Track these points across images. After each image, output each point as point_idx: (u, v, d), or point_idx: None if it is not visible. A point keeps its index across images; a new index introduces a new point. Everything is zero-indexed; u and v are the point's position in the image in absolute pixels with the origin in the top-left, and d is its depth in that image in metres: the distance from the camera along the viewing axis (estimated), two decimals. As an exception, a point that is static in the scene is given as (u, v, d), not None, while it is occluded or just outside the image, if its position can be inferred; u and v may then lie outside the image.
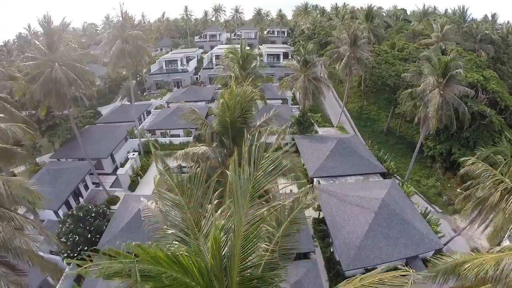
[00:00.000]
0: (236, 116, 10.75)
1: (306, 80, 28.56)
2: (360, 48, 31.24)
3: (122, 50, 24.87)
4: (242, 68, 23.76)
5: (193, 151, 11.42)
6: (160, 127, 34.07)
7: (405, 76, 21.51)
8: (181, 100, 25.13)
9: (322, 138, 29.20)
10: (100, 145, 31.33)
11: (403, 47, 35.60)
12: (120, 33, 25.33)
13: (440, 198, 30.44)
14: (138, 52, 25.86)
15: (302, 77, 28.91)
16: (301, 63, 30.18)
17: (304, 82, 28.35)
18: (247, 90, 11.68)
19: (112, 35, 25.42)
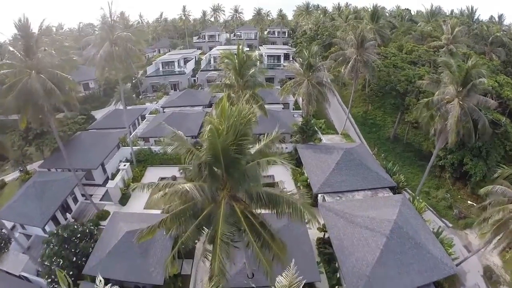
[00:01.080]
0: (229, 143, 8.90)
1: (310, 85, 26.74)
2: (367, 50, 29.43)
3: (110, 53, 23.07)
4: (239, 75, 20.86)
5: (174, 190, 9.47)
6: (154, 135, 32.23)
7: (421, 84, 19.65)
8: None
9: (327, 148, 27.38)
10: (90, 154, 29.63)
11: (412, 49, 33.71)
12: (108, 35, 23.51)
13: (450, 212, 28.91)
14: (128, 56, 24.01)
15: (306, 82, 27.06)
16: (304, 66, 28.29)
17: (308, 87, 26.53)
18: (244, 109, 9.83)
19: (99, 37, 23.59)
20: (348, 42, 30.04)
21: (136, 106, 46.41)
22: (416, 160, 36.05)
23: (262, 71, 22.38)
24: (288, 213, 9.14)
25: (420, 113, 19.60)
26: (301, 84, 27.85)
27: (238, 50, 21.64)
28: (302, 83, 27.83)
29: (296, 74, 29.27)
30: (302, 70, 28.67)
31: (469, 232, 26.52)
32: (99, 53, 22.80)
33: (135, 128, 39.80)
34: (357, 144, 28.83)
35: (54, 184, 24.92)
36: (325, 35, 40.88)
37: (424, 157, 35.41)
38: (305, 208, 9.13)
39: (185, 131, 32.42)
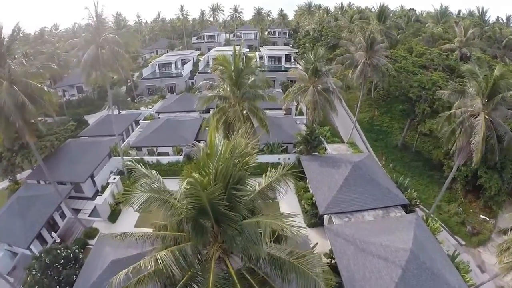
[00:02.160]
0: (218, 196, 6.84)
1: (316, 92, 24.65)
2: (377, 53, 27.44)
3: (96, 57, 21.20)
4: (236, 86, 17.29)
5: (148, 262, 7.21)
6: (147, 144, 30.34)
7: (442, 94, 17.72)
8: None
9: (333, 160, 25.50)
10: (78, 166, 27.87)
11: (424, 52, 31.67)
12: (94, 37, 21.61)
13: (463, 228, 27.21)
14: (115, 60, 22.12)
15: (311, 89, 24.91)
16: (310, 71, 26.08)
17: (313, 95, 24.42)
18: (239, 145, 7.86)
19: (84, 39, 21.67)
20: (356, 44, 27.96)
21: (130, 111, 44.56)
22: (426, 170, 34.29)
23: (264, 80, 19.17)
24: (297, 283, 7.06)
25: (440, 128, 17.68)
26: (306, 91, 25.72)
27: (234, 55, 18.06)
28: (307, 89, 25.73)
29: (300, 79, 27.13)
30: (307, 75, 26.50)
31: (482, 250, 25.07)
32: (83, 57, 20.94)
33: (128, 135, 37.98)
34: (365, 155, 26.92)
35: (39, 200, 23.29)
36: (330, 36, 38.71)
37: (434, 166, 33.69)
38: (319, 277, 7.07)
39: (179, 141, 30.92)
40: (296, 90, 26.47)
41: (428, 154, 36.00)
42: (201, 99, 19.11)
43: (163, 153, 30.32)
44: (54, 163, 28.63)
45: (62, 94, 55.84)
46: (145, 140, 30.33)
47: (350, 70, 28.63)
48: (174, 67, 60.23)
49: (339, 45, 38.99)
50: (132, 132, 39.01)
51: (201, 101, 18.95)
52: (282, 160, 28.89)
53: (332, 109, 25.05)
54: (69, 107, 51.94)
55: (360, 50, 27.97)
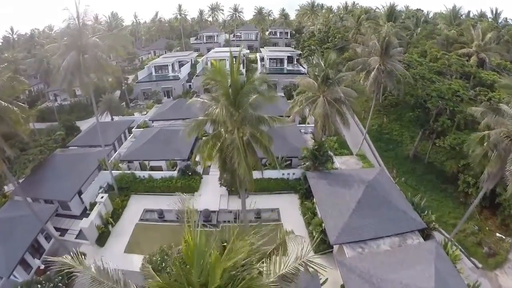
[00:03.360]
0: None
1: (326, 103, 22.13)
2: (391, 58, 25.26)
3: (77, 64, 19.04)
4: (234, 105, 13.34)
5: None
6: (138, 157, 28.15)
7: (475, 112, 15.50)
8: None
9: (343, 177, 23.33)
10: (64, 182, 25.85)
11: (441, 57, 29.31)
12: (76, 41, 19.42)
13: (480, 249, 25.15)
14: (100, 67, 19.96)
15: (322, 100, 22.26)
16: (320, 80, 23.38)
17: (324, 106, 21.78)
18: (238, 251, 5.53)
19: (65, 45, 19.48)
20: (370, 48, 25.58)
21: (124, 117, 42.34)
22: (439, 183, 32.19)
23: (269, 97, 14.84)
24: None
25: (472, 151, 15.52)
26: (314, 102, 23.05)
27: (231, 67, 13.72)
28: (316, 100, 23.05)
29: (308, 88, 24.63)
30: (316, 84, 23.82)
31: (499, 273, 22.88)
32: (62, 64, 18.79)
33: (121, 143, 35.81)
34: (377, 171, 24.74)
35: (23, 221, 21.22)
36: (337, 37, 36.33)
37: (447, 179, 31.47)
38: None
39: (173, 154, 28.71)
40: (303, 101, 23.85)
41: (441, 166, 33.90)
42: (187, 126, 14.82)
43: (156, 167, 28.14)
44: (40, 177, 26.78)
45: (53, 99, 53.81)
46: (136, 152, 28.11)
47: (361, 76, 26.30)
48: (171, 70, 58.09)
49: (347, 47, 36.80)
50: (125, 140, 36.88)
51: (189, 128, 14.60)
52: (287, 176, 26.79)
53: (345, 123, 22.64)
54: (61, 112, 49.90)
55: (373, 54, 25.65)
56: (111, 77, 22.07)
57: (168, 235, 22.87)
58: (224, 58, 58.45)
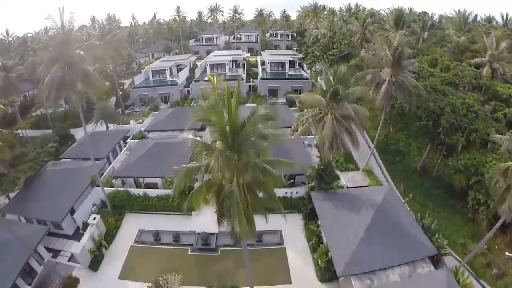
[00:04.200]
0: None
1: (335, 121, 20.30)
2: (403, 70, 23.81)
3: (62, 79, 17.67)
4: (232, 148, 11.11)
5: None
6: (132, 174, 26.77)
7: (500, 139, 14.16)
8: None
9: (350, 199, 21.97)
10: (56, 200, 24.40)
11: (454, 67, 27.53)
12: (61, 53, 18.02)
13: (489, 270, 24.00)
14: (87, 81, 18.58)
15: (330, 118, 20.36)
16: (328, 96, 21.04)
17: (332, 125, 19.91)
18: None
19: (48, 57, 18.05)
20: (382, 58, 24.15)
21: (119, 126, 40.95)
22: (447, 198, 31.00)
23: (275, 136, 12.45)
24: None
25: (494, 183, 14.16)
26: (322, 119, 21.13)
27: (228, 102, 11.34)
28: (324, 118, 21.02)
29: (315, 104, 22.52)
30: (324, 100, 21.42)
31: None
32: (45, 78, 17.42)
33: (116, 155, 34.41)
34: (385, 191, 23.37)
35: (13, 244, 19.96)
36: (343, 43, 34.57)
37: (455, 194, 30.05)
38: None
39: (169, 170, 26.69)
40: (310, 118, 21.85)
41: (449, 179, 32.60)
42: (176, 174, 12.26)
43: (152, 184, 26.76)
44: (31, 194, 25.42)
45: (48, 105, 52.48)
46: (130, 168, 26.71)
47: (370, 88, 24.71)
48: (169, 74, 56.76)
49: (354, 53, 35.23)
50: (120, 151, 35.48)
51: (178, 177, 12.08)
52: (289, 194, 25.39)
53: (354, 143, 21.06)
54: (55, 119, 48.51)
55: (385, 65, 24.11)
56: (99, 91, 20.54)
57: (165, 260, 21.77)
58: (224, 62, 57.35)
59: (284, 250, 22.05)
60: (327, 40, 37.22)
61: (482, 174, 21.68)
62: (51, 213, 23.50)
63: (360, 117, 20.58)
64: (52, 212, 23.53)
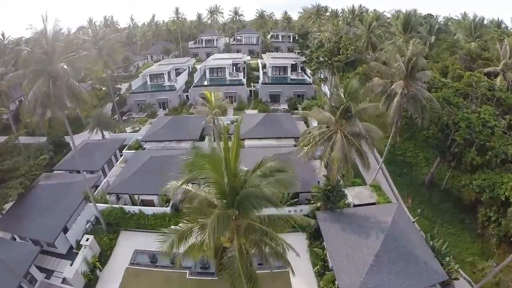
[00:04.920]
0: None
1: (344, 141, 18.39)
2: (417, 81, 22.33)
3: (47, 94, 16.61)
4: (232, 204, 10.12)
5: None
6: (126, 190, 25.67)
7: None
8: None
9: (358, 221, 20.87)
10: (48, 218, 23.47)
11: (468, 78, 25.94)
12: (44, 66, 16.94)
13: None
14: (74, 97, 17.48)
15: (340, 138, 18.37)
16: (339, 114, 18.96)
17: (342, 145, 18.03)
18: None
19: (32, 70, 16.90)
20: (397, 68, 22.42)
21: (115, 135, 39.86)
22: (456, 213, 30.00)
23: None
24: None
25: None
26: (331, 138, 19.01)
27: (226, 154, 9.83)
28: (333, 136, 18.88)
29: (323, 121, 20.55)
30: (333, 118, 19.47)
31: None
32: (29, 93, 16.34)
33: (111, 166, 33.30)
34: (394, 209, 22.29)
35: (6, 266, 18.76)
36: (350, 49, 33.07)
37: (464, 208, 28.82)
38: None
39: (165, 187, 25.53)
40: (317, 137, 19.46)
41: (458, 192, 31.51)
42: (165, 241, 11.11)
43: (148, 201, 25.65)
44: (23, 210, 24.68)
45: (42, 110, 51.44)
46: (125, 184, 25.60)
47: (382, 100, 23.34)
48: (167, 78, 55.68)
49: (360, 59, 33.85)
50: (116, 162, 34.37)
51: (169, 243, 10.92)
52: (293, 212, 24.22)
53: (365, 165, 19.63)
54: (51, 125, 47.45)
55: (397, 77, 22.77)
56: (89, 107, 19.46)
57: (162, 284, 20.82)
58: (224, 66, 56.22)
59: (288, 274, 20.89)
60: (333, 45, 35.85)
61: (497, 196, 20.53)
62: (44, 233, 22.77)
63: (372, 135, 19.29)
64: (44, 231, 22.79)
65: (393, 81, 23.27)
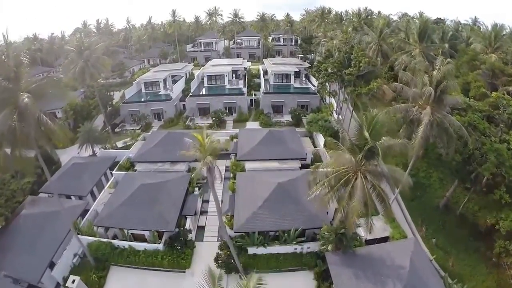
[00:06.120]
0: None
1: (365, 184, 15.82)
2: (445, 107, 20.09)
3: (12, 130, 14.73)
4: None
5: None
6: (114, 224, 23.60)
7: None
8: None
9: (373, 265, 18.84)
10: (32, 255, 21.67)
11: (496, 99, 23.26)
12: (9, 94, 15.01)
13: None
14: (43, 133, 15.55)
15: (361, 183, 15.78)
16: (362, 155, 16.43)
17: (363, 190, 15.51)
18: None
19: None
20: (424, 93, 19.84)
21: (105, 152, 37.81)
22: (471, 240, 28.36)
23: None
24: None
25: None
26: (348, 183, 16.36)
27: None
28: (352, 180, 16.32)
29: (339, 162, 17.45)
30: (354, 159, 16.92)
31: None
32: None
33: (101, 187, 31.26)
34: (411, 247, 20.34)
35: None
36: (363, 62, 30.58)
37: (480, 234, 27.39)
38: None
39: (157, 221, 22.01)
40: (332, 182, 16.55)
41: (473, 217, 29.77)
42: None
43: (138, 236, 23.63)
44: (4, 245, 22.76)
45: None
46: (112, 217, 23.47)
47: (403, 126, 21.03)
48: (163, 87, 53.65)
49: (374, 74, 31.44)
50: (106, 182, 32.35)
51: None
52: (300, 250, 22.21)
53: (386, 211, 17.32)
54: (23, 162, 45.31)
55: (423, 102, 20.17)
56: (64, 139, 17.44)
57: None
58: (223, 73, 54.15)
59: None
60: (343, 55, 33.52)
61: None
62: (27, 272, 20.85)
63: (395, 176, 16.97)
64: (28, 269, 20.91)
65: (415, 104, 21.15)
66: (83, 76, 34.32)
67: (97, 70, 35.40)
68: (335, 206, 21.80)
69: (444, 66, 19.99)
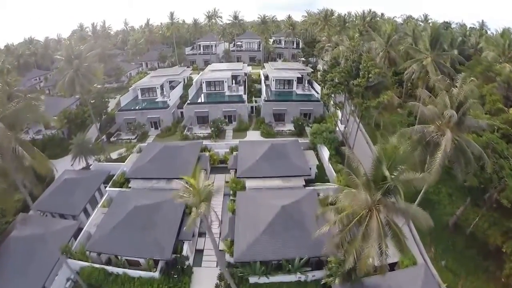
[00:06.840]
0: None
1: (381, 225, 14.53)
2: (465, 130, 18.98)
3: None
4: None
5: None
6: (106, 250, 22.51)
7: None
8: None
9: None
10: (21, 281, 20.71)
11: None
12: None
13: None
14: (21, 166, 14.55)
15: (376, 224, 14.40)
16: (380, 193, 15.11)
17: (378, 233, 14.23)
18: None
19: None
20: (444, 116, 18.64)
21: (99, 165, 36.77)
22: (481, 260, 27.50)
23: None
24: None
25: None
26: (362, 223, 15.00)
27: None
28: (365, 219, 15.01)
29: (353, 202, 16.05)
30: (369, 198, 15.40)
31: None
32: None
33: (95, 204, 30.24)
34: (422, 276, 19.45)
35: None
36: (373, 73, 29.25)
37: (490, 253, 26.64)
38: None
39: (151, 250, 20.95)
40: (344, 221, 15.26)
41: (483, 235, 28.91)
42: None
43: (133, 262, 22.55)
44: None
45: (25, 132, 48.32)
46: (105, 242, 22.39)
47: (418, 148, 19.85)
48: (160, 93, 52.65)
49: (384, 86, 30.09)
50: (100, 198, 31.34)
51: None
52: (304, 278, 21.14)
53: (403, 248, 15.96)
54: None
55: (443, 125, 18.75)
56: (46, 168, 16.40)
57: None
58: (222, 79, 53.04)
59: None
60: (350, 64, 32.21)
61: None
62: None
63: (417, 216, 15.61)
64: None
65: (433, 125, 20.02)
66: (72, 87, 33.20)
67: (87, 80, 34.20)
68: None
69: (467, 85, 18.81)
